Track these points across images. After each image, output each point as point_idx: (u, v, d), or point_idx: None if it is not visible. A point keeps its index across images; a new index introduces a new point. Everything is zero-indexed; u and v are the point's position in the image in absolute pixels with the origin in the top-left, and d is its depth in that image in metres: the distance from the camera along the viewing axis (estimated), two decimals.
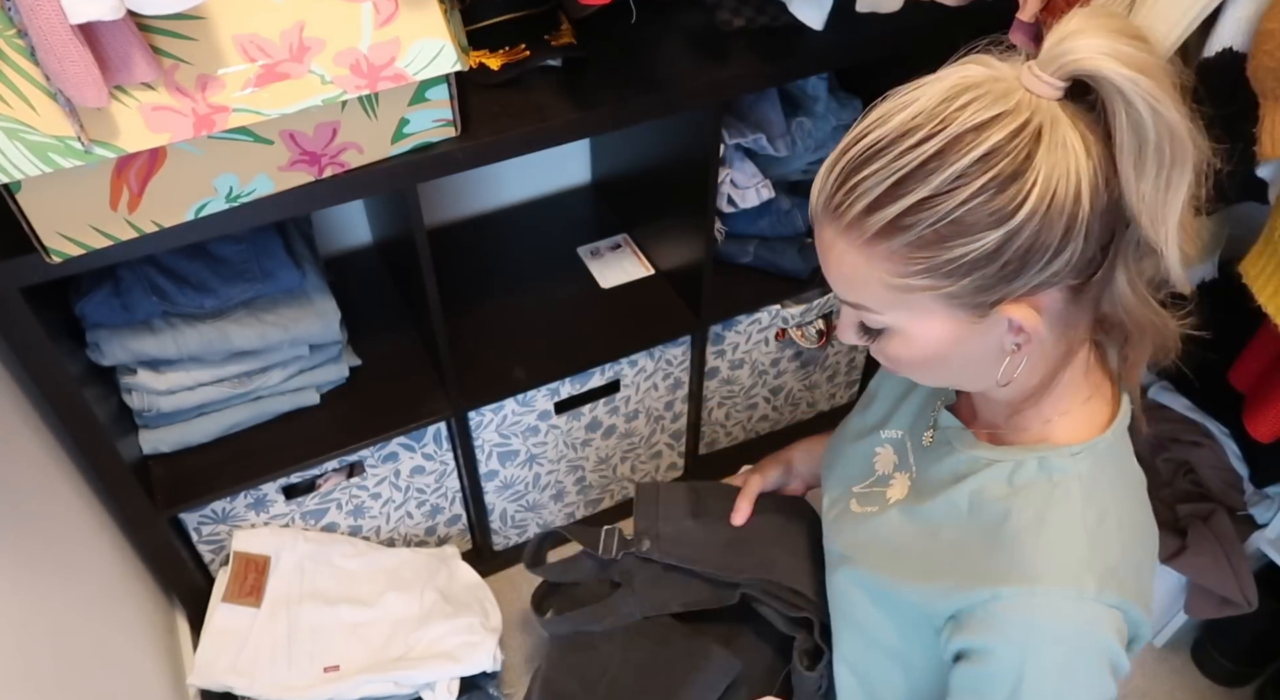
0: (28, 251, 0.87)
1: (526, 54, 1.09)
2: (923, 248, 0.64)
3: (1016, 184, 0.61)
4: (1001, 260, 0.63)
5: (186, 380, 1.17)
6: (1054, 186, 0.61)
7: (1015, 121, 0.61)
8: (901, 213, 0.63)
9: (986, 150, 0.61)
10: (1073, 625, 0.71)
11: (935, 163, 0.62)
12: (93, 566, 1.13)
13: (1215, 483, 1.41)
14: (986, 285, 0.65)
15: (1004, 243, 0.62)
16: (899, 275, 0.65)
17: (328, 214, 1.49)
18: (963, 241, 0.63)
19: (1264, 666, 1.52)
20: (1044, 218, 0.62)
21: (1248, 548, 1.38)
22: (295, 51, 0.83)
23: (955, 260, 0.63)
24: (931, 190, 0.62)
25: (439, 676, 1.26)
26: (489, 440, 1.43)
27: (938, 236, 0.63)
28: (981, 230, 0.62)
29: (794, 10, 1.07)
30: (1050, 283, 0.65)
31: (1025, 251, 0.63)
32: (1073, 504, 0.73)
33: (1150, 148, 0.61)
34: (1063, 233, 0.62)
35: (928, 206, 0.62)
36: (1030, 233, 0.62)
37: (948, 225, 0.62)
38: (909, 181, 0.62)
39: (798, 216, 1.47)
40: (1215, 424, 1.43)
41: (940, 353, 0.71)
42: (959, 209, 0.62)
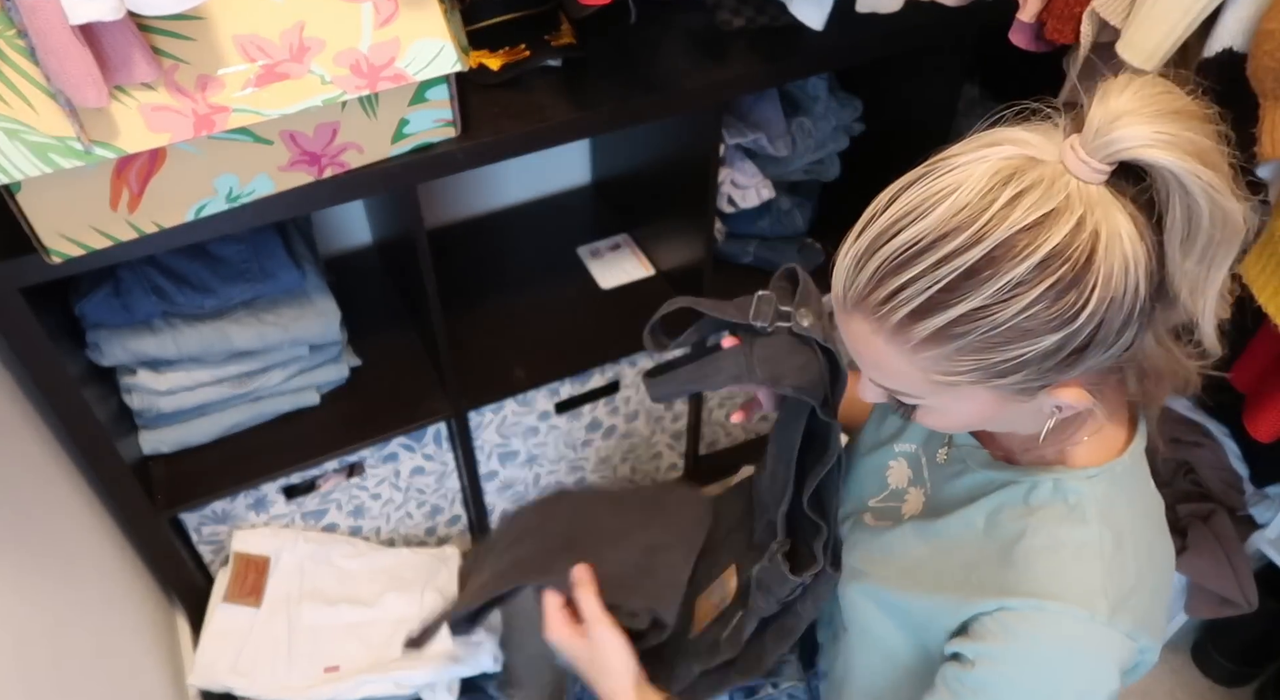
0: (28, 251, 0.87)
1: (526, 54, 1.09)
2: (975, 352, 0.61)
3: (1077, 289, 0.58)
4: (1058, 358, 0.61)
5: (186, 380, 1.17)
6: (1114, 285, 0.58)
7: (1071, 220, 0.57)
8: (952, 321, 0.59)
9: (1045, 256, 0.57)
10: (1079, 646, 0.70)
11: (989, 270, 0.58)
12: (93, 566, 1.13)
13: (1215, 483, 1.41)
14: (1039, 376, 0.63)
15: (1063, 343, 0.60)
16: (946, 374, 0.63)
17: (328, 214, 1.49)
18: (1020, 345, 0.60)
19: (1264, 666, 1.52)
20: (1105, 315, 0.59)
21: (1248, 548, 1.38)
22: (295, 52, 0.83)
23: (1010, 360, 0.61)
24: (985, 300, 0.58)
25: (439, 676, 1.26)
26: (489, 440, 1.43)
27: (991, 342, 0.60)
28: (1040, 335, 0.59)
29: (794, 10, 1.07)
30: (1104, 363, 0.63)
31: (1084, 347, 0.61)
32: (1089, 527, 0.72)
33: (1202, 233, 0.59)
34: (1121, 324, 0.60)
35: (982, 315, 0.59)
36: (1090, 331, 0.59)
37: (1004, 332, 0.59)
38: (958, 289, 0.59)
39: (798, 216, 1.48)
40: (1215, 424, 1.43)
41: (977, 422, 0.71)
42: (1017, 317, 0.58)
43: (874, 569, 0.87)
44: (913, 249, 0.59)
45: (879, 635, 0.87)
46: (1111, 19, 0.88)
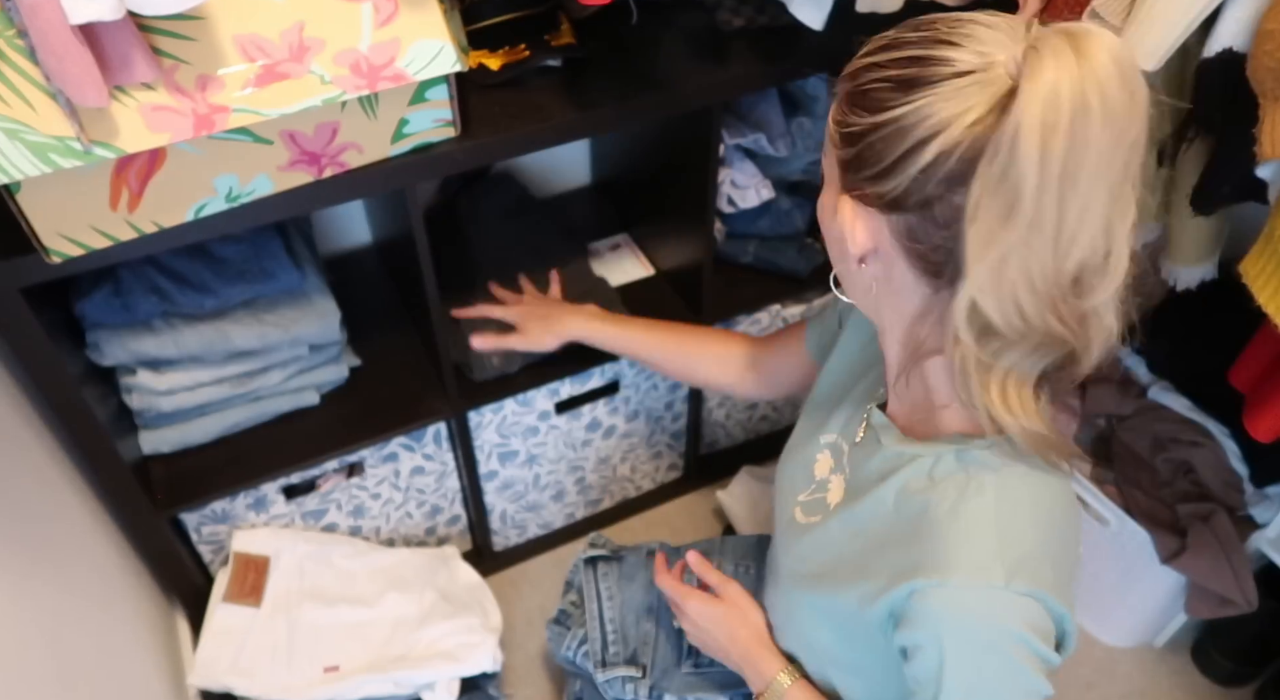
0: (28, 251, 0.87)
1: (526, 54, 1.09)
2: (847, 102, 0.70)
3: (908, 93, 0.64)
4: (857, 147, 0.69)
5: (186, 380, 1.17)
6: (926, 118, 0.64)
7: (968, 56, 0.63)
8: (860, 67, 0.69)
9: (923, 55, 0.65)
10: (982, 616, 0.72)
11: (904, 45, 0.67)
12: (93, 567, 1.13)
13: (1215, 483, 1.41)
14: (844, 167, 0.71)
15: (866, 131, 0.67)
16: (831, 118, 0.72)
17: (328, 214, 1.49)
18: (856, 112, 0.68)
19: (1264, 666, 1.52)
20: (896, 133, 0.65)
21: (1248, 548, 1.38)
22: (295, 51, 0.83)
23: (846, 125, 0.69)
24: (880, 59, 0.67)
25: (439, 676, 1.26)
26: (489, 440, 1.43)
27: (852, 99, 0.69)
28: (864, 110, 0.67)
29: (794, 10, 1.07)
30: (871, 199, 0.70)
31: (871, 152, 0.67)
32: (985, 495, 0.74)
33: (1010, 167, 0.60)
34: (899, 157, 0.66)
35: (868, 70, 0.68)
36: (881, 136, 0.66)
37: (859, 93, 0.68)
38: (885, 48, 0.68)
39: (798, 216, 1.47)
40: (1215, 424, 1.43)
41: (823, 218, 0.78)
42: (870, 84, 0.67)
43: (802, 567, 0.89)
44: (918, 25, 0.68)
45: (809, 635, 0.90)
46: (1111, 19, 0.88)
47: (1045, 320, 0.66)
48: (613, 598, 1.20)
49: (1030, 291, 0.64)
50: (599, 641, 1.17)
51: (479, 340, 1.26)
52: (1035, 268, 0.63)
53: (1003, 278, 0.64)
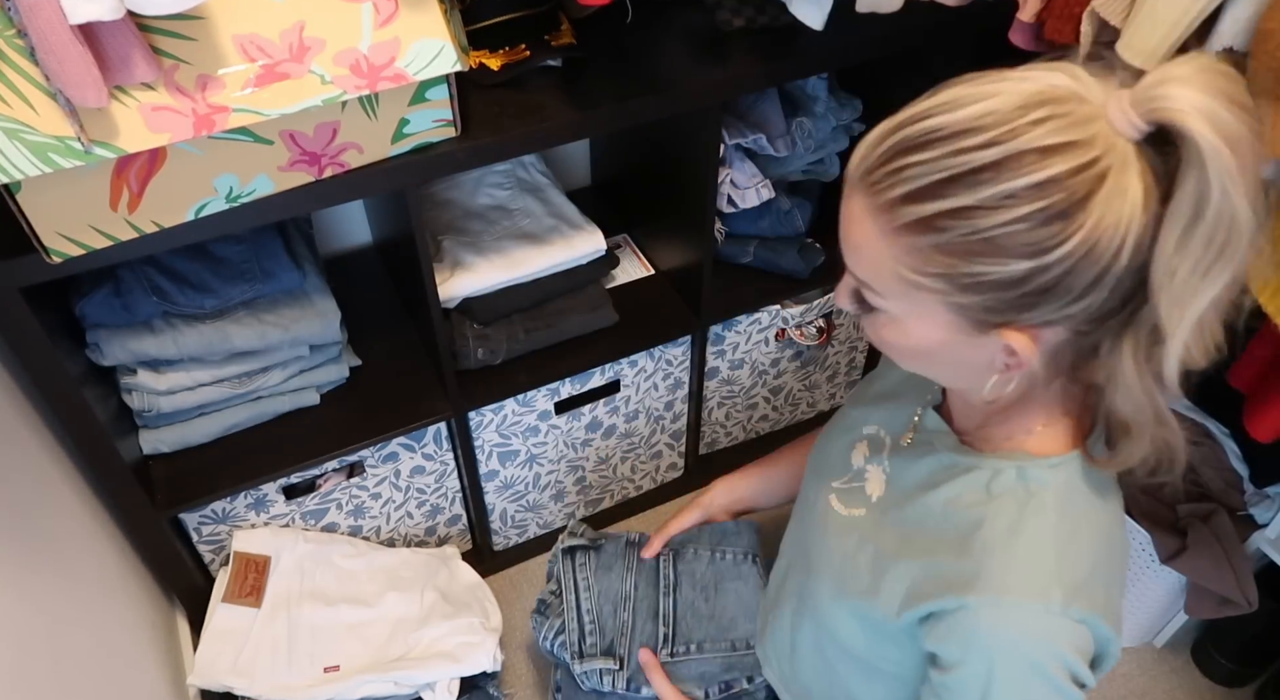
0: (28, 251, 0.87)
1: (526, 54, 1.09)
2: (947, 254, 0.61)
3: (1063, 222, 0.58)
4: (1021, 290, 0.61)
5: (186, 380, 1.17)
6: (1100, 234, 0.58)
7: (1085, 156, 0.58)
8: (938, 214, 0.60)
9: (1045, 178, 0.58)
10: (1036, 639, 0.71)
11: (989, 174, 0.58)
12: (93, 567, 1.13)
13: (1215, 483, 1.41)
14: (997, 308, 0.63)
15: (1030, 275, 0.60)
16: (914, 271, 0.63)
17: (328, 214, 1.49)
18: (990, 261, 0.60)
19: (1264, 666, 1.52)
20: (1079, 262, 0.59)
21: (1248, 548, 1.38)
22: (295, 51, 0.83)
23: (975, 276, 0.61)
24: (976, 201, 0.59)
25: (439, 676, 1.26)
26: (489, 440, 1.43)
27: (966, 249, 0.61)
28: (1012, 256, 0.60)
29: (794, 10, 1.07)
30: (1061, 321, 0.64)
31: (1048, 289, 0.61)
32: (1046, 516, 0.73)
33: (1204, 226, 0.57)
34: (1092, 280, 0.60)
35: (966, 216, 0.60)
36: (1060, 272, 0.60)
37: (980, 242, 0.60)
38: (956, 184, 0.59)
39: (798, 216, 1.47)
40: (1215, 424, 1.43)
41: (928, 351, 0.70)
42: (997, 229, 0.59)
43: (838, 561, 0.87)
44: (932, 136, 0.60)
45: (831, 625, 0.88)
46: (1111, 19, 0.88)
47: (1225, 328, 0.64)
48: (590, 589, 1.21)
49: (1219, 313, 0.62)
50: (576, 632, 1.18)
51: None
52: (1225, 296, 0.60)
53: (1204, 322, 0.61)
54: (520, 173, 1.47)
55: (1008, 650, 0.71)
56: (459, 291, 1.29)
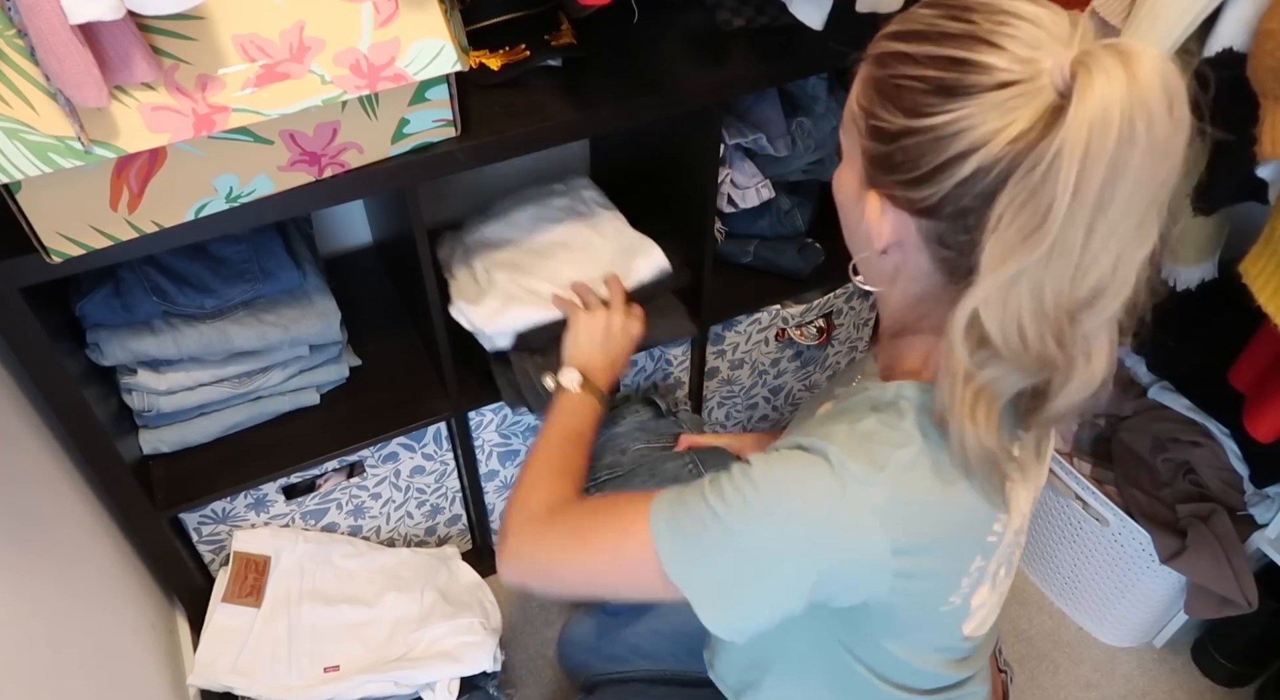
0: (28, 251, 0.87)
1: (526, 54, 1.09)
2: (875, 90, 0.67)
3: (947, 101, 0.62)
4: (889, 148, 0.66)
5: (186, 380, 1.17)
6: (963, 127, 0.61)
7: (1008, 65, 0.61)
8: (889, 52, 0.66)
9: (961, 57, 0.62)
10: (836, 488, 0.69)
11: (938, 37, 0.63)
12: (93, 567, 1.13)
13: (1215, 483, 1.41)
14: (875, 162, 0.69)
15: (900, 134, 0.65)
16: (857, 102, 0.70)
17: (328, 214, 1.49)
18: (888, 108, 0.66)
19: (1264, 666, 1.52)
20: (934, 142, 0.63)
21: (1248, 548, 1.38)
22: (295, 51, 0.83)
23: (877, 120, 0.67)
24: (913, 51, 0.64)
25: (439, 676, 1.26)
26: (489, 440, 1.43)
27: (882, 90, 0.66)
28: (899, 109, 0.65)
29: (794, 10, 1.07)
30: (903, 203, 0.68)
31: (906, 156, 0.65)
32: (904, 424, 0.72)
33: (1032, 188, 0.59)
34: (935, 167, 0.64)
35: (900, 60, 0.65)
36: (917, 143, 0.64)
37: (891, 86, 0.65)
38: (916, 36, 0.65)
39: (798, 216, 1.47)
40: (1215, 424, 1.43)
41: (842, 200, 0.76)
42: (904, 79, 0.64)
43: None
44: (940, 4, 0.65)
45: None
46: (1111, 19, 0.88)
47: (1043, 344, 0.64)
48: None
49: (1036, 312, 0.63)
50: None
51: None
52: (1047, 289, 0.62)
53: (1010, 294, 0.62)
54: (577, 205, 1.43)
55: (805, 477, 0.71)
56: (513, 324, 1.23)
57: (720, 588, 0.73)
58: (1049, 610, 1.66)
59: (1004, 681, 1.07)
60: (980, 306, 0.63)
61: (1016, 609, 1.66)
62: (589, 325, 1.15)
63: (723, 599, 0.73)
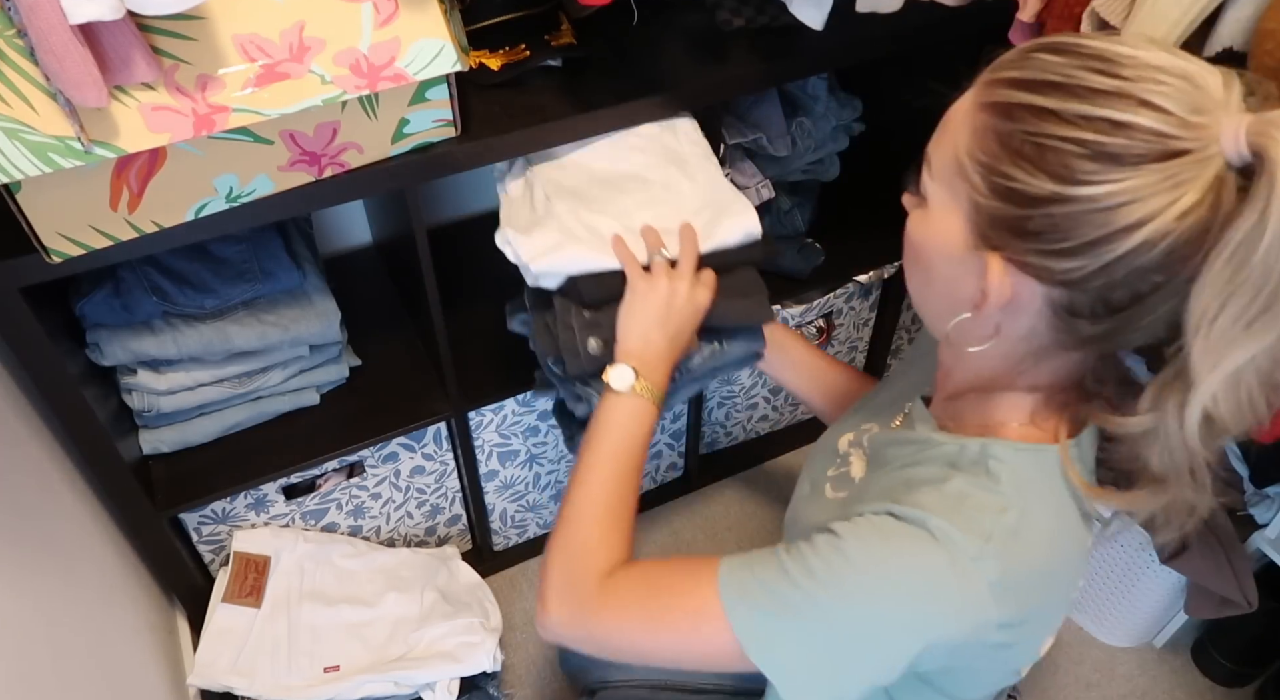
0: (28, 251, 0.87)
1: (526, 54, 1.09)
2: (1001, 145, 0.62)
3: (1106, 165, 0.58)
4: (1030, 213, 0.61)
5: (186, 380, 1.17)
6: (1129, 199, 0.57)
7: (1173, 130, 0.57)
8: (1020, 105, 0.61)
9: (1124, 120, 0.57)
10: (940, 563, 0.67)
11: (1088, 94, 0.59)
12: (92, 567, 1.13)
13: (1215, 483, 1.41)
14: (1002, 224, 0.63)
15: (1047, 199, 0.60)
16: (968, 152, 0.64)
17: (328, 214, 1.49)
18: (1026, 168, 0.61)
19: (1264, 666, 1.52)
20: (1093, 214, 0.58)
21: (1248, 548, 1.38)
22: (295, 51, 0.83)
23: (1006, 178, 0.62)
24: (1056, 107, 0.59)
25: (439, 676, 1.26)
26: (489, 440, 1.43)
27: (1017, 147, 0.61)
28: (1046, 173, 0.60)
29: (794, 10, 1.07)
30: (1039, 273, 0.63)
31: (1051, 225, 0.60)
32: (998, 494, 0.69)
33: (1253, 269, 0.55)
34: (1090, 241, 0.59)
35: (1040, 116, 0.60)
36: (1069, 212, 0.59)
37: (1032, 146, 0.60)
38: (1057, 90, 0.60)
39: (798, 216, 1.47)
40: None
41: (932, 254, 0.70)
42: (1051, 140, 0.59)
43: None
44: (1076, 48, 0.61)
45: None
46: (1111, 19, 0.88)
47: (1269, 405, 0.62)
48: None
49: (1265, 384, 0.60)
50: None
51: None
52: (1267, 361, 0.59)
53: (1241, 382, 0.59)
54: (668, 139, 1.14)
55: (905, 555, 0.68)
56: (565, 266, 1.01)
57: (811, 668, 0.70)
58: None
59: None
60: (1210, 405, 0.61)
61: None
62: (648, 293, 0.96)
63: (814, 679, 0.70)
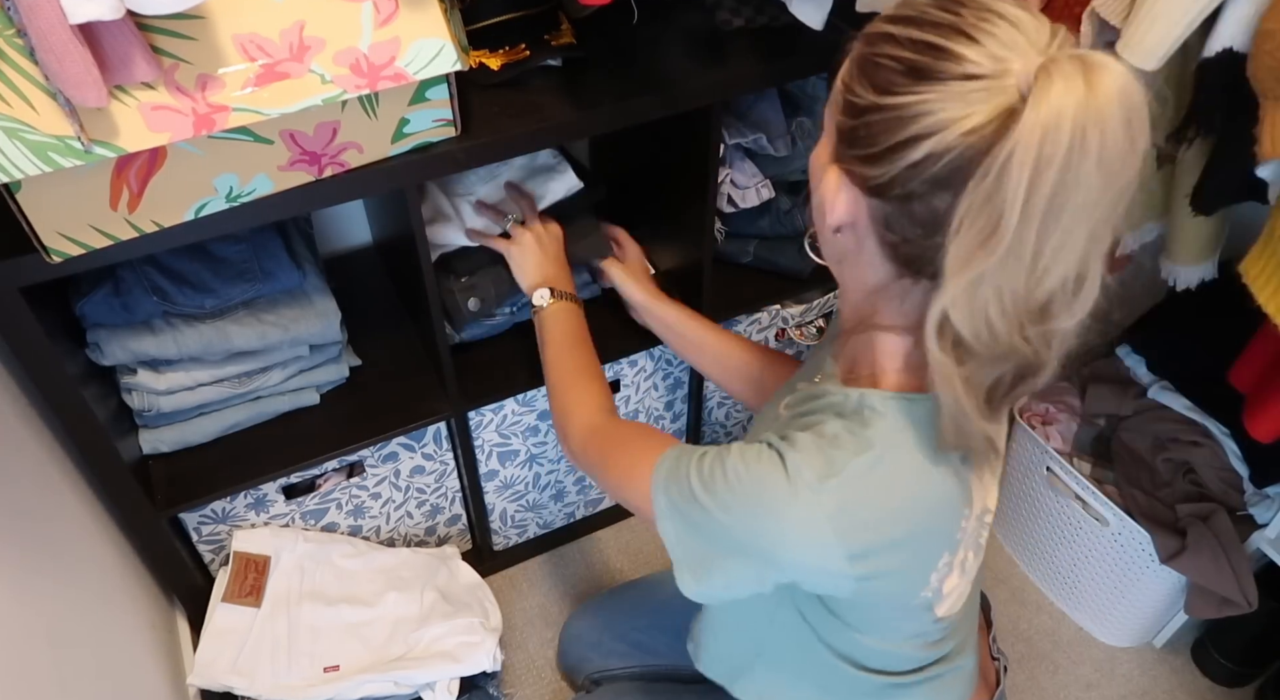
0: (28, 251, 0.87)
1: (526, 54, 1.09)
2: (856, 66, 0.68)
3: (916, 83, 0.63)
4: (856, 121, 0.67)
5: (186, 380, 1.17)
6: (926, 110, 0.62)
7: (983, 60, 0.61)
8: (878, 33, 0.67)
9: (938, 44, 0.63)
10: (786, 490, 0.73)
11: (925, 25, 0.64)
12: (93, 567, 1.13)
13: (1215, 483, 1.41)
14: (841, 136, 0.70)
15: (868, 109, 0.66)
16: (842, 79, 0.70)
17: (328, 214, 1.49)
18: (862, 85, 0.67)
19: (1264, 666, 1.52)
20: (894, 121, 0.64)
21: (1248, 548, 1.38)
22: (295, 51, 0.83)
23: (850, 92, 0.68)
24: (897, 33, 0.65)
25: (439, 676, 1.26)
26: (489, 440, 1.43)
27: (862, 68, 0.67)
28: (871, 87, 0.66)
29: (794, 10, 1.07)
30: (858, 180, 0.69)
31: (868, 133, 0.66)
32: (867, 432, 0.74)
33: (986, 192, 0.60)
34: (889, 147, 0.65)
35: (882, 40, 0.66)
36: (879, 119, 0.65)
37: (870, 64, 0.66)
38: (907, 21, 0.65)
39: (797, 216, 1.47)
40: (1215, 424, 1.43)
41: (814, 175, 0.76)
42: (884, 59, 0.65)
43: None
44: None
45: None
46: (1111, 19, 0.88)
47: (1012, 339, 0.66)
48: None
49: (1000, 312, 0.64)
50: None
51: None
52: (1007, 291, 0.63)
53: (976, 296, 0.64)
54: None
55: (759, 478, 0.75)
56: (438, 241, 1.28)
57: (692, 556, 0.81)
58: (1049, 610, 1.66)
59: (997, 670, 1.07)
60: (949, 308, 0.65)
61: (1016, 609, 1.66)
62: (521, 248, 1.22)
63: (693, 567, 0.81)
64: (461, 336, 1.36)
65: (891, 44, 0.66)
